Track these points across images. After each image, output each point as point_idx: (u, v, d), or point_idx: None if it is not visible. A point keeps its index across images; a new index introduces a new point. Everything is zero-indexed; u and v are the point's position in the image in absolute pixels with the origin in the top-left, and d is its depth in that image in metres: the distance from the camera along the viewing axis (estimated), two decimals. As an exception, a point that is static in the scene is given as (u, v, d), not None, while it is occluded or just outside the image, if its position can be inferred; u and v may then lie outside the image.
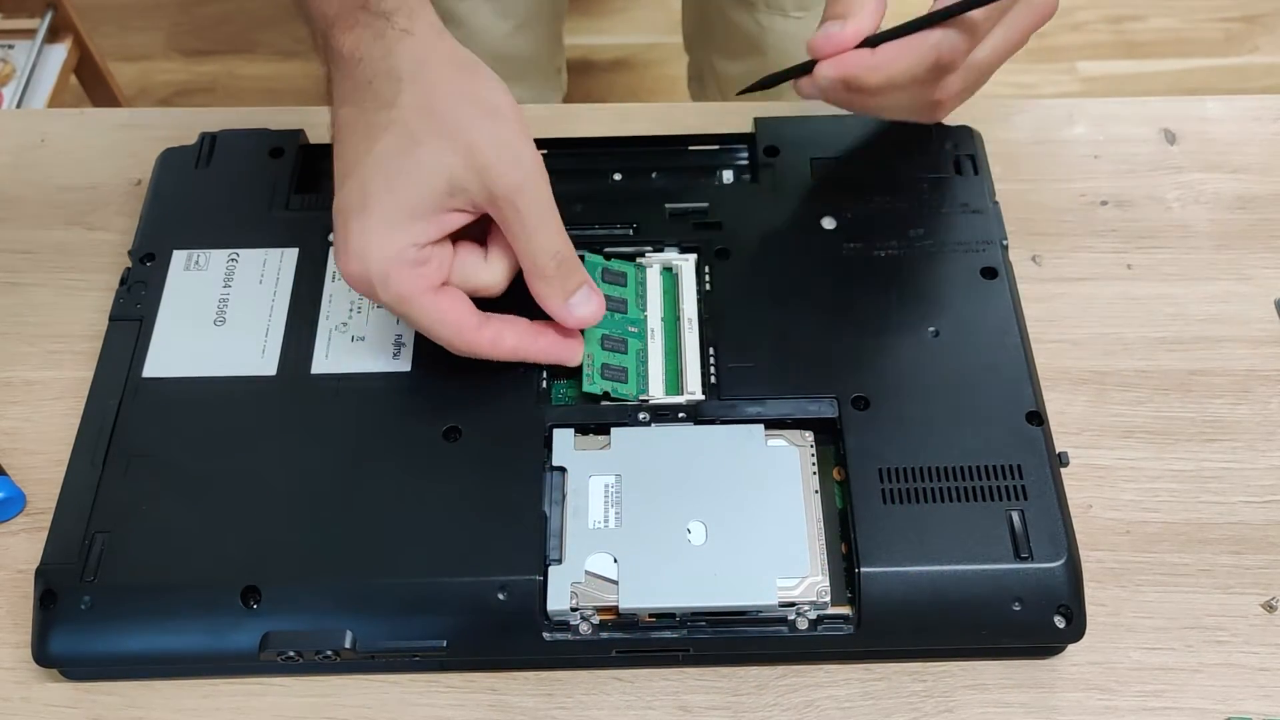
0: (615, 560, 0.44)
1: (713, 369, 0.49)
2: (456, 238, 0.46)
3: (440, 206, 0.43)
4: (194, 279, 0.53)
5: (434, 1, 0.77)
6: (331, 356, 0.50)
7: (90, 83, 1.34)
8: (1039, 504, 0.45)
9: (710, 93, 1.06)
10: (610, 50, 1.59)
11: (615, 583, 0.43)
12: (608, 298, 0.50)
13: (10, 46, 1.25)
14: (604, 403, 0.48)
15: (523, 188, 0.43)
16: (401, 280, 0.43)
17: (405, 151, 0.42)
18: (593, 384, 0.48)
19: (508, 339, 0.46)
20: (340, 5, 0.44)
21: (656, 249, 0.53)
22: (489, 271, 0.46)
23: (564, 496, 0.46)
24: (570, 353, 0.48)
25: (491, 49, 0.92)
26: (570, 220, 0.50)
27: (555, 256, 0.45)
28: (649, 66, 1.57)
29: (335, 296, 0.52)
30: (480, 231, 0.46)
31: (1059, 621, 0.43)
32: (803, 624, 0.44)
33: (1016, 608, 0.43)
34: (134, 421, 0.48)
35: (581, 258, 0.48)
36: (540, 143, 0.57)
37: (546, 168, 0.56)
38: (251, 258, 0.53)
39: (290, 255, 0.53)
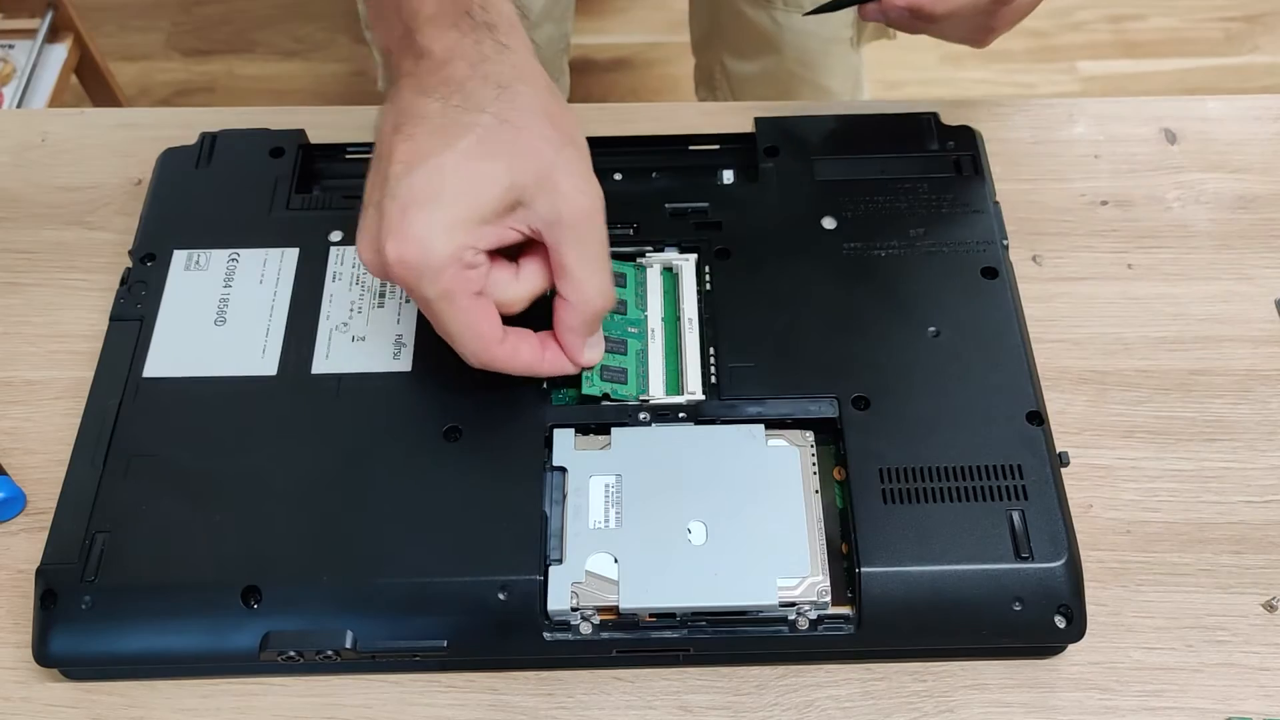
0: (615, 560, 0.44)
1: (713, 369, 0.49)
2: (491, 252, 0.46)
3: (500, 218, 0.43)
4: (194, 279, 0.53)
5: None
6: (332, 356, 0.50)
7: (90, 82, 1.35)
8: (1039, 504, 0.45)
9: (721, 95, 1.05)
10: (610, 50, 1.59)
11: (616, 583, 0.43)
12: None
13: (11, 46, 1.25)
14: (604, 403, 0.48)
15: (591, 217, 0.44)
16: (453, 278, 0.43)
17: (486, 157, 0.42)
18: (592, 385, 0.48)
19: (523, 354, 0.46)
20: (438, 7, 0.44)
21: (657, 249, 0.53)
22: (516, 289, 0.45)
23: (564, 496, 0.46)
24: (570, 365, 0.48)
25: None
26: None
27: (606, 293, 0.45)
28: (649, 66, 1.57)
29: (335, 296, 0.52)
30: (512, 251, 0.46)
31: (1059, 621, 0.43)
32: (803, 624, 0.44)
33: (1017, 607, 0.43)
34: (134, 421, 0.48)
35: None
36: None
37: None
38: (252, 258, 0.53)
39: (290, 255, 0.53)
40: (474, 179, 0.42)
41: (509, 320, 0.46)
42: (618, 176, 0.56)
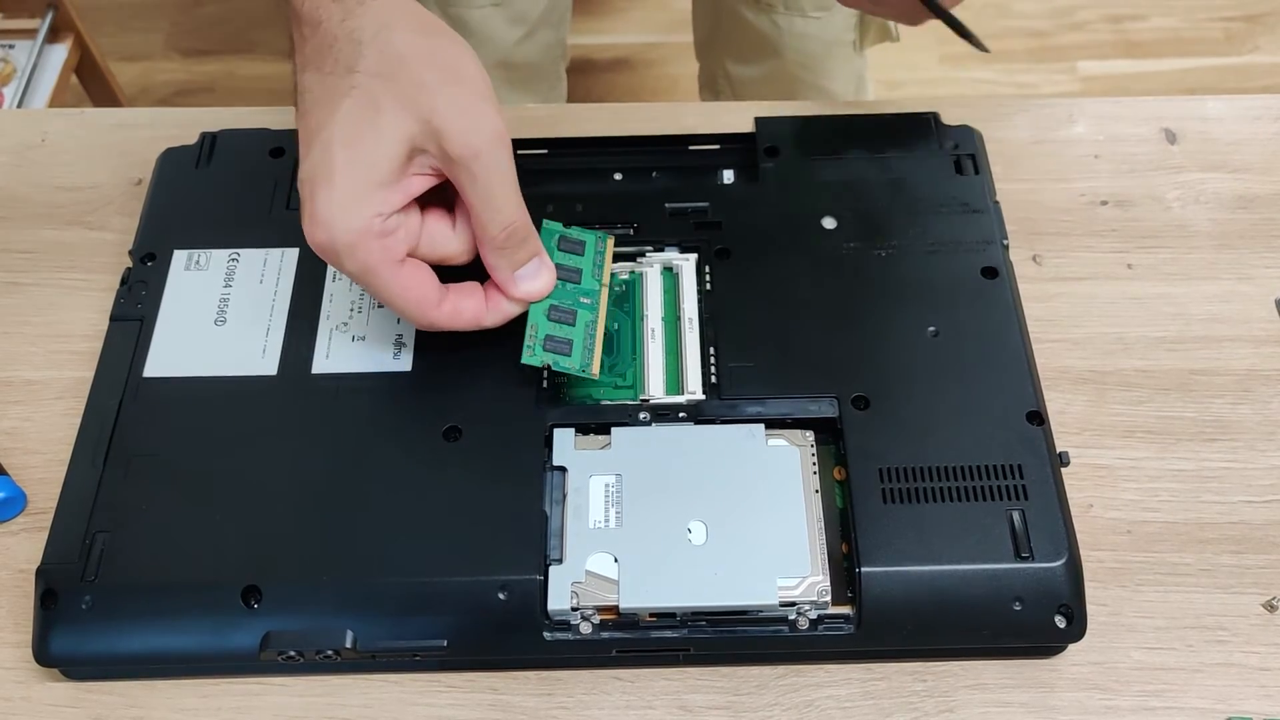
0: (616, 560, 0.44)
1: (713, 369, 0.49)
2: (425, 205, 0.45)
3: (403, 172, 0.43)
4: (195, 279, 0.53)
5: (444, 9, 0.76)
6: (332, 356, 0.50)
7: (90, 82, 1.35)
8: (1039, 504, 0.45)
9: (725, 99, 1.05)
10: (610, 50, 1.59)
11: (616, 582, 0.43)
12: (560, 266, 0.48)
13: (11, 46, 1.25)
14: (549, 374, 0.48)
15: (479, 154, 0.43)
16: (367, 252, 0.42)
17: (366, 118, 0.42)
18: (533, 356, 0.47)
19: (465, 311, 0.46)
20: None
21: (657, 249, 0.53)
22: (457, 240, 0.45)
23: (564, 496, 0.46)
24: (514, 306, 0.47)
25: (501, 57, 0.92)
26: (571, 220, 0.50)
27: (506, 227, 0.44)
28: (649, 66, 1.57)
29: (336, 296, 0.52)
30: (449, 199, 0.45)
31: (1059, 621, 0.43)
32: (803, 624, 0.44)
33: (1017, 607, 0.43)
34: (135, 421, 0.48)
35: (540, 223, 0.48)
36: (540, 142, 0.57)
37: (547, 168, 0.56)
38: (252, 257, 0.53)
39: (291, 255, 0.53)
40: (360, 146, 0.42)
41: (462, 271, 0.45)
42: (618, 176, 0.56)
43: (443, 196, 0.46)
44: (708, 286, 0.52)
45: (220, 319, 0.51)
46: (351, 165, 0.42)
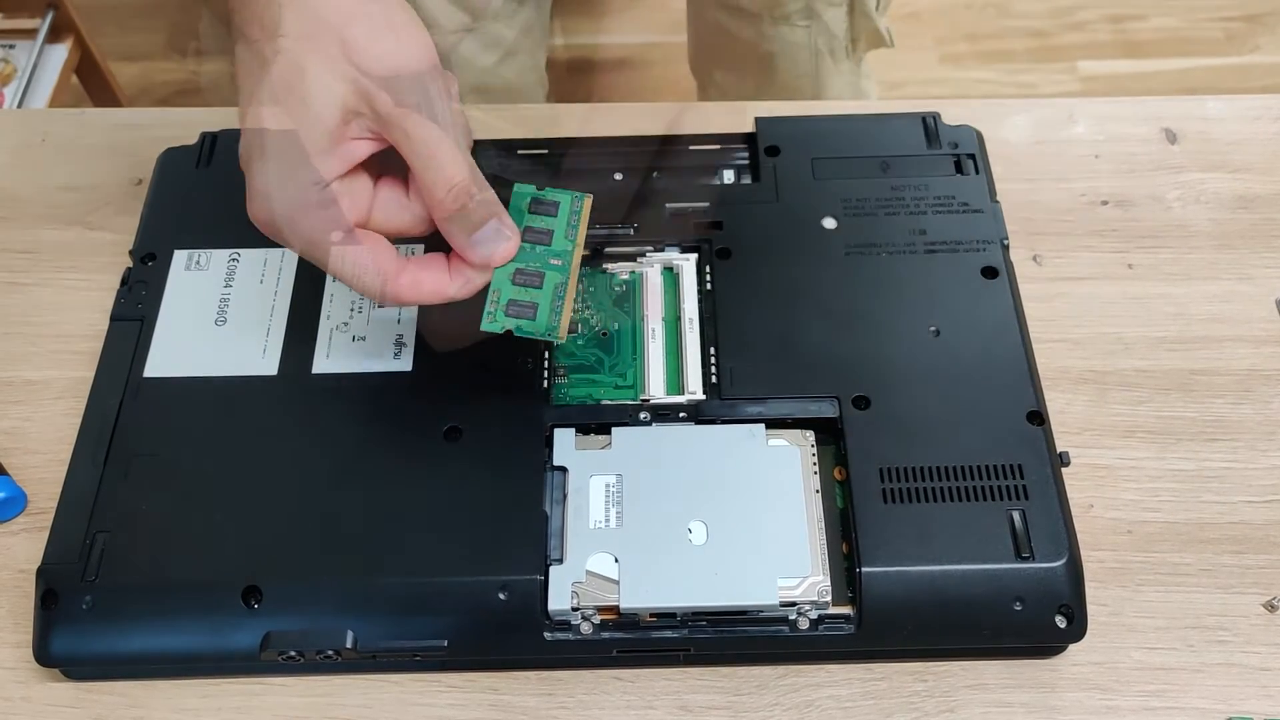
0: (616, 560, 0.44)
1: (713, 368, 0.49)
2: (379, 175, 0.43)
3: (339, 137, 0.41)
4: (195, 279, 0.53)
5: None
6: (332, 356, 0.50)
7: (91, 83, 1.34)
8: (1040, 504, 0.45)
9: None
10: (610, 50, 1.59)
11: (616, 582, 0.43)
12: (530, 229, 0.45)
13: (11, 46, 1.25)
14: (514, 336, 0.45)
15: (410, 111, 0.41)
16: (309, 224, 0.41)
17: (293, 83, 0.40)
18: (494, 322, 0.44)
19: (426, 283, 0.43)
20: None
21: (657, 249, 0.53)
22: (411, 211, 0.43)
23: (565, 496, 0.46)
24: (480, 275, 0.44)
25: (476, 82, 0.92)
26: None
27: (452, 188, 0.41)
28: (649, 66, 1.57)
29: (336, 296, 0.52)
30: (404, 166, 0.43)
31: (1060, 621, 0.43)
32: (804, 624, 0.44)
33: (1018, 607, 0.43)
34: (135, 421, 0.48)
35: (512, 186, 0.45)
36: (540, 142, 0.57)
37: (545, 167, 0.56)
38: (252, 257, 0.53)
39: (291, 255, 0.53)
40: (289, 113, 0.40)
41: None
42: (618, 176, 0.56)
43: (398, 164, 0.43)
44: (708, 286, 0.52)
45: (220, 319, 0.51)
46: (282, 135, 0.40)
